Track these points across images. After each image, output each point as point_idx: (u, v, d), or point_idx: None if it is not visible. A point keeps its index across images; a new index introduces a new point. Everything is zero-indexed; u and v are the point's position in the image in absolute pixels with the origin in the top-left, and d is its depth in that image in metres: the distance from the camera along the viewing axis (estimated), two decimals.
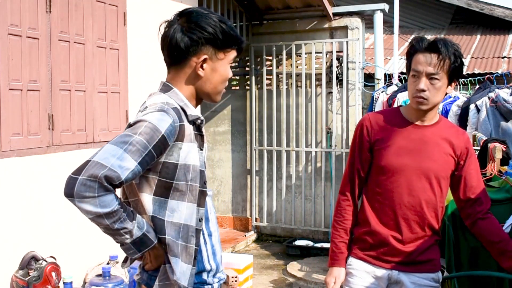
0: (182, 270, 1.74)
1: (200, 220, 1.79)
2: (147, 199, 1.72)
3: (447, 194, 2.33)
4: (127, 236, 1.64)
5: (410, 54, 2.25)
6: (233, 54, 1.82)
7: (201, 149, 1.80)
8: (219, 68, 1.80)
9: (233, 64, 7.37)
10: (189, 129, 1.74)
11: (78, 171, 1.56)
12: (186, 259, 1.74)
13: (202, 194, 1.78)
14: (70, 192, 1.55)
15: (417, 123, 2.27)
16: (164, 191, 1.71)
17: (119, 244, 1.71)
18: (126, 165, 1.57)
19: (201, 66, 1.76)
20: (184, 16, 1.77)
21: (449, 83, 2.22)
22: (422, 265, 2.26)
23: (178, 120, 1.69)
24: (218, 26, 1.74)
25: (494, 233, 2.25)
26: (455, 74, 2.21)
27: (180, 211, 1.73)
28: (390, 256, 2.25)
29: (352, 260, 2.33)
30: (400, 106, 2.41)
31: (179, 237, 1.73)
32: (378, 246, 2.26)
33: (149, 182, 1.71)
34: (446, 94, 2.28)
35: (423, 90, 2.17)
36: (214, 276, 1.90)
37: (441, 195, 2.28)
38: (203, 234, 1.84)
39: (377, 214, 2.27)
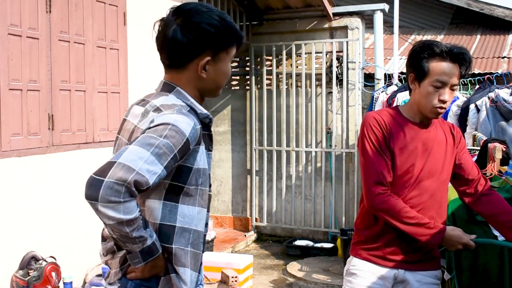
0: (191, 279, 1.67)
1: (206, 225, 1.73)
2: (157, 205, 1.63)
3: None
4: (140, 244, 1.55)
5: (425, 57, 2.16)
6: (234, 50, 1.74)
7: (210, 150, 1.74)
8: (221, 67, 1.72)
9: (233, 64, 7.38)
10: (201, 132, 1.66)
11: (103, 172, 1.45)
12: (195, 266, 1.68)
13: (209, 198, 1.74)
14: (94, 195, 1.44)
15: (419, 123, 2.26)
16: (174, 196, 1.63)
17: (125, 252, 1.62)
18: (154, 169, 1.49)
19: (204, 68, 1.68)
20: (182, 15, 1.67)
21: None
22: (426, 263, 2.28)
23: (198, 123, 1.63)
24: (220, 25, 1.65)
25: (498, 206, 2.26)
26: None
27: (191, 216, 1.66)
28: (396, 256, 2.24)
29: (356, 261, 2.32)
30: (398, 105, 2.39)
31: (189, 243, 1.66)
32: (384, 247, 2.25)
33: (159, 188, 1.62)
34: None
35: (446, 101, 2.16)
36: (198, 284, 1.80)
37: (447, 192, 2.31)
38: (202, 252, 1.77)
39: None
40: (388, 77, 6.58)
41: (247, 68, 7.23)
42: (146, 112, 1.65)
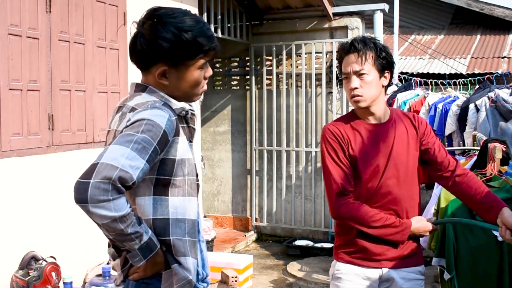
0: (194, 266, 1.71)
1: (198, 213, 1.77)
2: (147, 202, 1.66)
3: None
4: (137, 241, 1.57)
5: (339, 62, 2.31)
6: (199, 61, 1.70)
7: (191, 141, 1.76)
8: (184, 76, 1.71)
9: (233, 64, 7.38)
10: (178, 123, 1.70)
11: (87, 174, 1.48)
12: (195, 254, 1.73)
13: (197, 187, 1.77)
14: (82, 197, 1.46)
15: (374, 122, 2.29)
16: (163, 189, 1.67)
17: (124, 252, 1.66)
18: (136, 164, 1.51)
19: (164, 76, 1.70)
20: (149, 20, 1.72)
21: (382, 75, 2.25)
22: (409, 259, 2.30)
23: (173, 114, 1.66)
24: (176, 40, 1.64)
25: (472, 186, 2.26)
26: (383, 65, 2.24)
27: (183, 206, 1.69)
28: (378, 255, 2.26)
29: (339, 265, 2.32)
30: (354, 109, 2.40)
31: (186, 233, 1.69)
32: (365, 248, 2.26)
33: (146, 184, 1.65)
34: (384, 86, 2.29)
35: (356, 88, 2.22)
36: (203, 281, 1.84)
37: (417, 185, 2.33)
38: (199, 241, 1.80)
39: None
40: None
41: (247, 68, 7.23)
42: (123, 114, 1.70)
